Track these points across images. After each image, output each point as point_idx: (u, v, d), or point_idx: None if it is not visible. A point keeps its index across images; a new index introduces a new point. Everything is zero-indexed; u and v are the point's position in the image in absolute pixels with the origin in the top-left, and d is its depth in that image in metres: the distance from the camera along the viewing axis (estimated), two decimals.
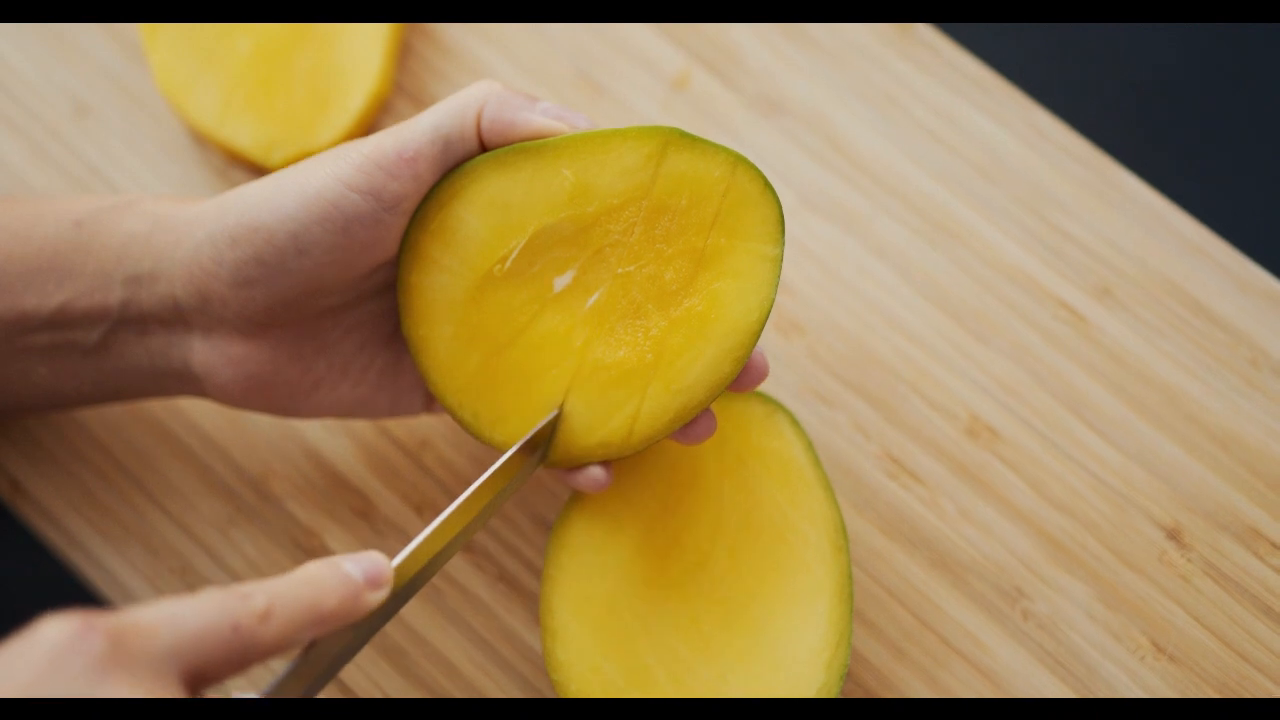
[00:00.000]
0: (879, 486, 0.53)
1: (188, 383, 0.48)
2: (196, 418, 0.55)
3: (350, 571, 0.39)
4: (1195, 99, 0.59)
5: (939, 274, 0.56)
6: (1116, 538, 0.52)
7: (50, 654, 0.34)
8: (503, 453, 0.47)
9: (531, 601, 0.53)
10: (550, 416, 0.46)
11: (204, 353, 0.47)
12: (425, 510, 0.54)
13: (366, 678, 0.52)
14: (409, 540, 0.53)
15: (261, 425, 0.55)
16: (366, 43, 0.56)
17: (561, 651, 0.48)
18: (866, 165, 0.57)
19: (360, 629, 0.40)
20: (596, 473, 0.47)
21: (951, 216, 0.56)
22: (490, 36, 0.60)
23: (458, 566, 0.53)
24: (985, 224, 0.56)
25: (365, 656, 0.52)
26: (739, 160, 0.45)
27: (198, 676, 0.36)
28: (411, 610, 0.52)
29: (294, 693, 0.38)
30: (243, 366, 0.47)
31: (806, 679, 0.47)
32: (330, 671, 0.39)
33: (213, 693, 0.38)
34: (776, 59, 0.59)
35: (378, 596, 0.39)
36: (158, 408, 0.55)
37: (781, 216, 0.45)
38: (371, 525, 0.54)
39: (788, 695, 0.47)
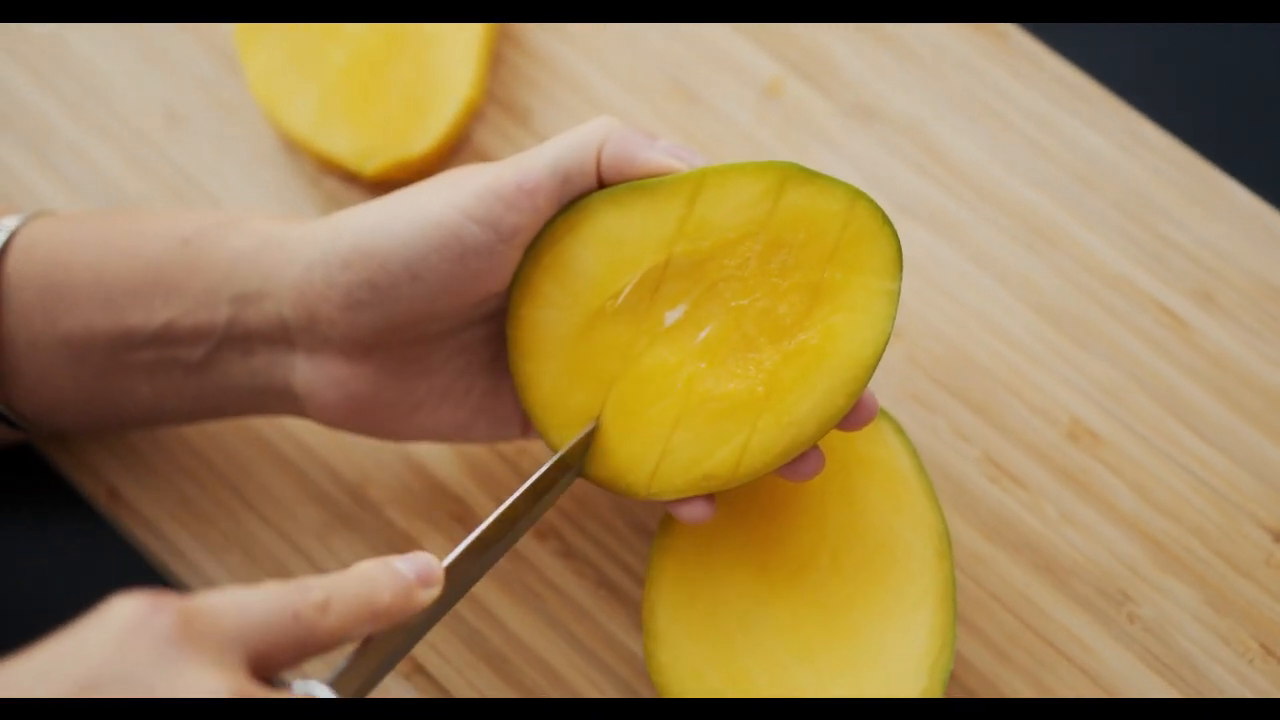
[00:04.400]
0: (980, 491, 0.53)
1: (288, 402, 0.48)
2: (294, 426, 0.55)
3: (402, 570, 0.40)
4: None
5: (1038, 279, 0.56)
6: (1222, 541, 0.52)
7: (121, 632, 0.35)
8: (602, 488, 0.47)
9: (632, 608, 0.53)
10: (586, 430, 0.46)
11: (307, 373, 0.47)
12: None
13: (468, 684, 0.52)
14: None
15: None
16: (460, 51, 0.57)
17: (663, 654, 0.48)
18: (963, 172, 0.57)
19: (413, 627, 0.41)
20: (699, 507, 0.47)
21: (1050, 223, 0.57)
22: (582, 45, 0.60)
23: (559, 573, 0.53)
24: (1084, 230, 0.56)
25: (465, 660, 0.52)
26: (858, 195, 0.45)
27: (261, 661, 0.36)
28: (513, 616, 0.53)
29: (353, 684, 0.39)
30: (345, 388, 0.47)
31: (909, 684, 0.47)
32: (386, 666, 0.40)
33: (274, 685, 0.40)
34: (871, 67, 0.59)
35: (429, 594, 0.40)
36: (256, 418, 0.55)
37: (900, 251, 0.45)
38: (469, 531, 0.54)
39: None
